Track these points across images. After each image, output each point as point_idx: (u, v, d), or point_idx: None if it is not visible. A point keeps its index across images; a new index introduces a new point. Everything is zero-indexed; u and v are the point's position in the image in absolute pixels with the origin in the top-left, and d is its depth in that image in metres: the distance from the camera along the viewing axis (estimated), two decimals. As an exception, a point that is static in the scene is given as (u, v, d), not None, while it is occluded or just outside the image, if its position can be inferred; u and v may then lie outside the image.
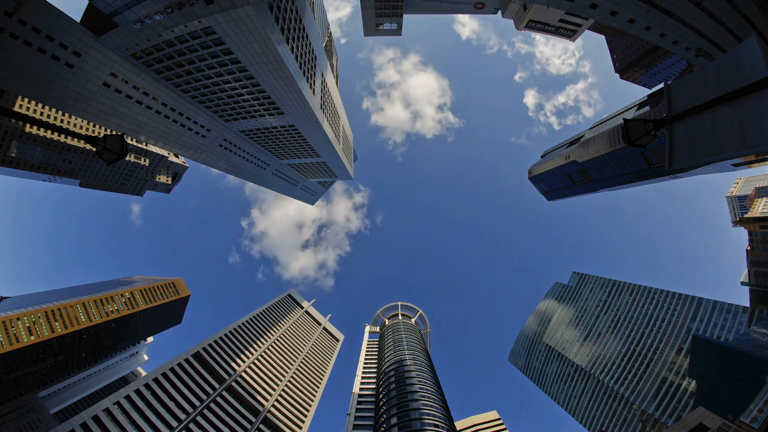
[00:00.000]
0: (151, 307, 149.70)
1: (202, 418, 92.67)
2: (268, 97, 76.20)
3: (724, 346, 77.88)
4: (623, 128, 8.48)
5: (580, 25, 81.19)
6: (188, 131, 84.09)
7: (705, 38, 49.38)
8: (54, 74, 52.24)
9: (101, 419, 76.65)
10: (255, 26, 52.77)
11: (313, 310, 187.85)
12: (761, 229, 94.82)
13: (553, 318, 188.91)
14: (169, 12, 48.13)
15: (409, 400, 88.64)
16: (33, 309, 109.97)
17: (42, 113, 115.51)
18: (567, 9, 51.14)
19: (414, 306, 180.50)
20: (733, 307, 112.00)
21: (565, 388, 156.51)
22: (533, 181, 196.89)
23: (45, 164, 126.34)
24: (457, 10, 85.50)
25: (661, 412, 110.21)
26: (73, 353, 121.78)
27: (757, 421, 49.22)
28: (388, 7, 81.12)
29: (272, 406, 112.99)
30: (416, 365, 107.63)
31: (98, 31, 52.41)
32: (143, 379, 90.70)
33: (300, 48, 71.23)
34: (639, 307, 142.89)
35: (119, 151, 9.14)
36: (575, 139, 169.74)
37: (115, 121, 65.69)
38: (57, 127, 8.16)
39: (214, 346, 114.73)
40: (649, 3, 46.19)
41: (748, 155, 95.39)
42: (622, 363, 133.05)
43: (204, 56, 60.50)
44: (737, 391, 66.94)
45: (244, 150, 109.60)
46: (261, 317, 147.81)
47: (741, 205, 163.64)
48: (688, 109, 7.55)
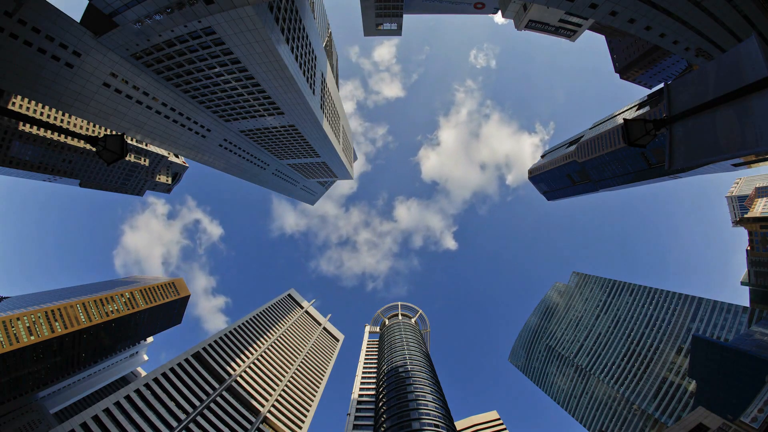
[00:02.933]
0: (151, 307, 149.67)
1: (202, 418, 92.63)
2: (268, 97, 76.17)
3: (724, 346, 77.78)
4: (623, 128, 8.48)
5: (580, 25, 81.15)
6: (188, 131, 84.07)
7: (705, 38, 49.34)
8: (54, 74, 52.22)
9: (101, 419, 76.60)
10: (255, 26, 52.73)
11: (313, 310, 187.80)
12: (761, 229, 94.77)
13: (553, 318, 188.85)
14: (169, 12, 48.12)
15: (409, 400, 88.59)
16: (33, 309, 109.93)
17: (42, 113, 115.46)
18: (567, 9, 51.11)
19: (414, 306, 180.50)
20: (733, 307, 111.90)
21: (565, 388, 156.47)
22: (533, 181, 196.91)
23: (45, 164, 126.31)
24: (457, 10, 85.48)
25: (661, 412, 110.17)
26: (73, 353, 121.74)
27: (757, 421, 49.19)
28: (388, 7, 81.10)
29: (272, 406, 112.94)
30: (416, 365, 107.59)
31: (98, 31, 52.39)
32: (143, 379, 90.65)
33: (300, 48, 71.20)
34: (639, 307, 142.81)
35: (119, 151, 9.13)
36: (575, 139, 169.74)
37: (115, 121, 65.67)
38: (57, 127, 8.16)
39: (214, 346, 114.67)
40: (649, 3, 46.15)
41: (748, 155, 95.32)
42: (622, 363, 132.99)
43: (204, 56, 60.47)
44: (737, 391, 66.88)
45: (244, 150, 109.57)
46: (261, 317, 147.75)
47: (741, 205, 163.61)
48: (688, 109, 7.55)
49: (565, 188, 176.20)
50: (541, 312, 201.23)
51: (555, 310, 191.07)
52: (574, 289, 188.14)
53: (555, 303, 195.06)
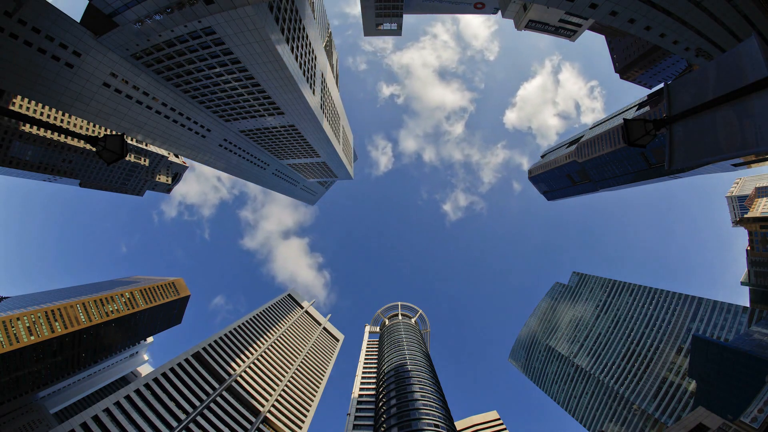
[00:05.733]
0: (151, 307, 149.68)
1: (202, 418, 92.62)
2: (268, 97, 76.17)
3: (724, 346, 77.75)
4: (623, 128, 8.48)
5: (580, 25, 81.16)
6: (188, 131, 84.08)
7: (705, 38, 49.32)
8: (54, 74, 52.23)
9: (101, 419, 76.59)
10: (255, 26, 52.74)
11: (313, 310, 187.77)
12: (761, 229, 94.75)
13: (553, 318, 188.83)
14: (169, 12, 48.13)
15: (409, 400, 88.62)
16: (33, 309, 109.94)
17: (42, 113, 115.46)
18: (567, 9, 51.13)
19: (414, 306, 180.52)
20: (733, 307, 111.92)
21: (565, 388, 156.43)
22: (533, 181, 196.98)
23: (45, 164, 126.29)
24: (457, 10, 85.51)
25: (661, 412, 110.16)
26: (73, 353, 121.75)
27: (757, 421, 49.20)
28: (388, 7, 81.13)
29: (272, 406, 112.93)
30: (416, 365, 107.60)
31: (98, 31, 52.40)
32: (143, 379, 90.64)
33: (300, 48, 71.22)
34: (639, 307, 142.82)
35: (119, 151, 9.14)
36: (575, 139, 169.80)
37: (115, 121, 65.69)
38: (57, 127, 8.16)
39: (214, 346, 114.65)
40: (649, 3, 46.15)
41: (748, 155, 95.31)
42: (622, 363, 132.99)
43: (204, 56, 60.47)
44: (737, 391, 66.84)
45: (244, 150, 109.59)
46: (261, 317, 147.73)
47: (741, 205, 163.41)
48: (688, 109, 7.55)
49: (565, 188, 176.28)
50: (541, 312, 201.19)
51: (555, 310, 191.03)
52: (574, 289, 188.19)
53: (555, 303, 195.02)
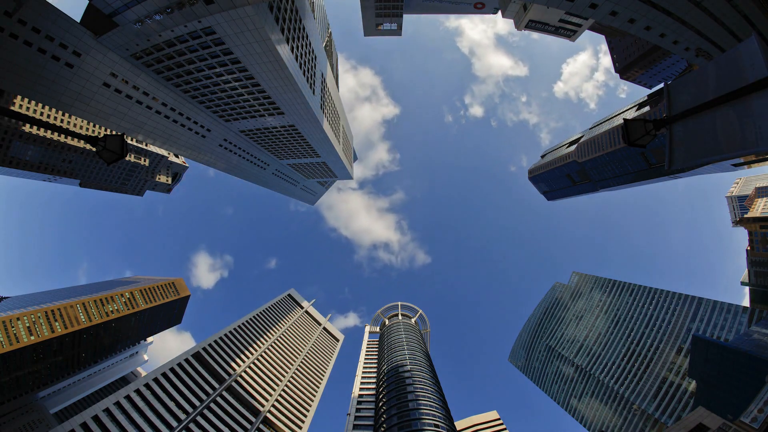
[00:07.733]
0: (151, 307, 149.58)
1: (202, 418, 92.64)
2: (268, 97, 76.18)
3: (724, 346, 77.76)
4: (623, 128, 8.47)
5: (580, 25, 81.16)
6: (188, 131, 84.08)
7: (705, 38, 49.31)
8: (54, 74, 52.23)
9: (101, 419, 76.63)
10: (255, 26, 52.74)
11: (313, 310, 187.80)
12: (761, 229, 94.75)
13: (553, 318, 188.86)
14: (169, 12, 48.13)
15: (409, 400, 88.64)
16: (33, 309, 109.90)
17: (42, 113, 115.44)
18: (567, 9, 51.11)
19: (414, 306, 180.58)
20: (733, 307, 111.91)
21: (565, 388, 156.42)
22: (533, 181, 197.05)
23: (45, 164, 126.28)
24: (457, 10, 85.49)
25: (661, 412, 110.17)
26: (73, 353, 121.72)
27: (757, 421, 49.19)
28: (388, 7, 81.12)
29: (272, 406, 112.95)
30: (416, 365, 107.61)
31: (98, 31, 52.39)
32: (143, 379, 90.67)
33: (300, 48, 71.21)
34: (639, 307, 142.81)
35: (119, 151, 9.14)
36: (575, 139, 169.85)
37: (115, 121, 65.69)
38: (57, 127, 8.17)
39: (214, 346, 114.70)
40: (649, 3, 46.13)
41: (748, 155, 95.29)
42: (622, 363, 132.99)
43: (204, 56, 60.47)
44: (737, 391, 66.85)
45: (244, 150, 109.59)
46: (261, 317, 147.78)
47: (741, 205, 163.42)
48: (688, 109, 7.55)
49: (565, 188, 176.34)
50: (541, 312, 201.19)
51: (555, 310, 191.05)
52: (574, 289, 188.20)
53: (555, 303, 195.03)
